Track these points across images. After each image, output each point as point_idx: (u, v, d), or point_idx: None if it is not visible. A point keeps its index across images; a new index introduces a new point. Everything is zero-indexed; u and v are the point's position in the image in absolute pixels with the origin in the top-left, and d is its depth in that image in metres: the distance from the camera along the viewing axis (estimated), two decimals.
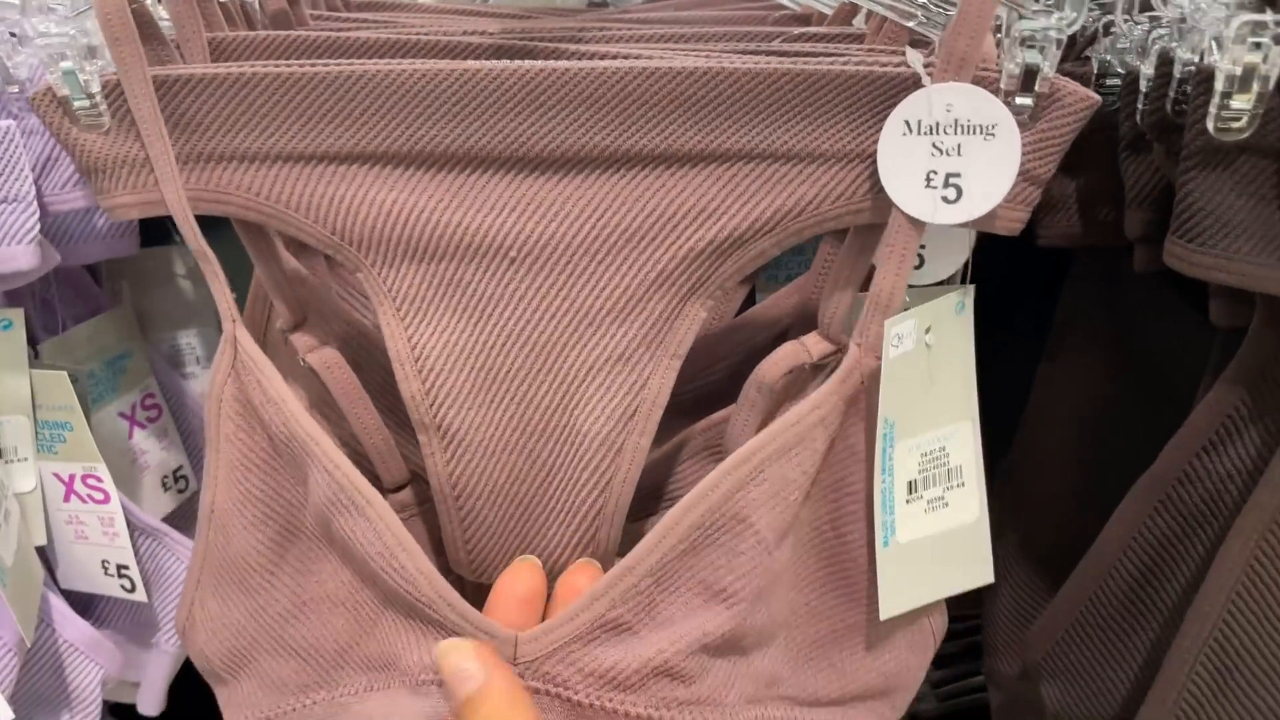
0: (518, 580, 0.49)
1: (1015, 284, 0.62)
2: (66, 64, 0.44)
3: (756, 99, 0.43)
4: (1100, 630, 0.52)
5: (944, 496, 0.46)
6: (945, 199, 0.41)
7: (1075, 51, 0.54)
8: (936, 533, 0.46)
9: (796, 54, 0.49)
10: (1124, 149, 0.48)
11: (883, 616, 0.47)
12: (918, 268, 0.52)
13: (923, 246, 0.52)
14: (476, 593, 0.50)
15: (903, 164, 0.42)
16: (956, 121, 0.41)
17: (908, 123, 0.42)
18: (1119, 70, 0.51)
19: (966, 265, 0.52)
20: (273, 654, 0.50)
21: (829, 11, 0.59)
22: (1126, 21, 0.47)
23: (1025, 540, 0.60)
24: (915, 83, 0.42)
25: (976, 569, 0.47)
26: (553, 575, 0.50)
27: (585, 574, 0.49)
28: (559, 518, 0.49)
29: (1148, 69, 0.46)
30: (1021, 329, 0.63)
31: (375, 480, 0.51)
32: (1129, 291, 0.54)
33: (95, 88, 0.44)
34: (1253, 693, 0.46)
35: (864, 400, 0.46)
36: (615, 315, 0.47)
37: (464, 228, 0.46)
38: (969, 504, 0.46)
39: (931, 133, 0.41)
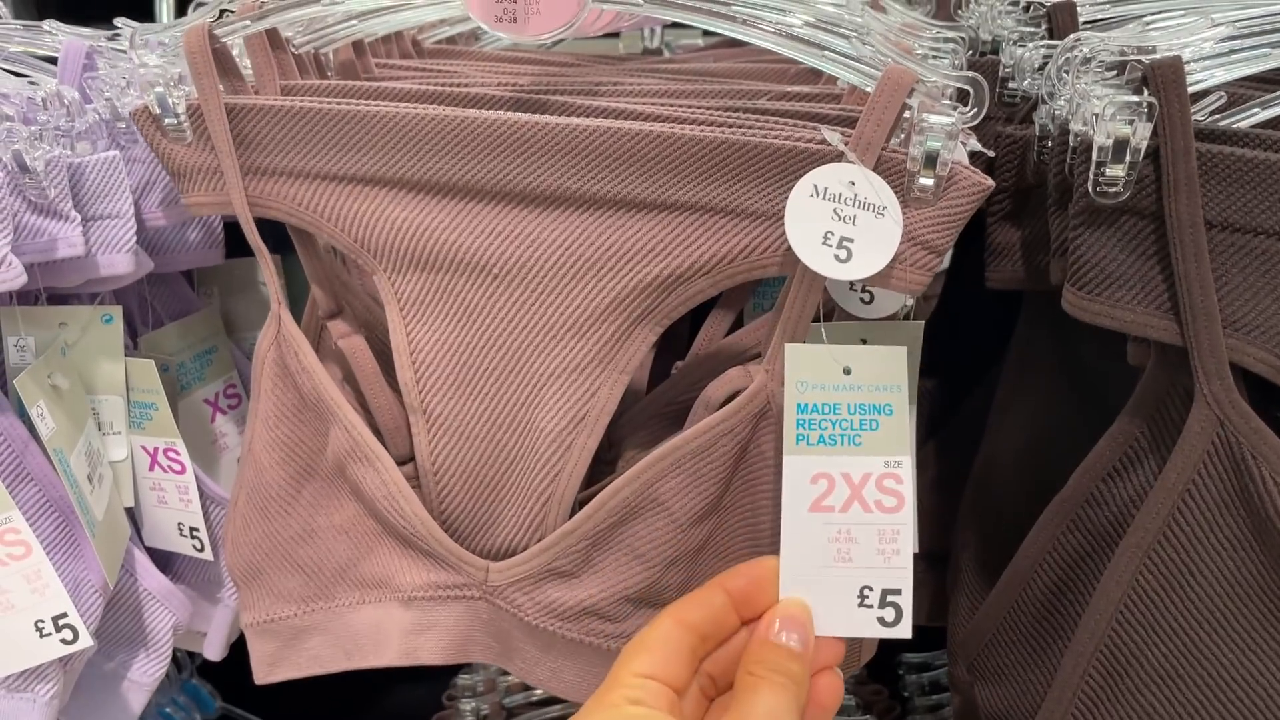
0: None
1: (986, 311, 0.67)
2: (159, 89, 0.55)
3: (700, 160, 0.51)
4: (1021, 636, 0.57)
5: None
6: (838, 258, 0.47)
7: (1020, 115, 0.59)
8: None
9: (763, 111, 0.56)
10: (1051, 204, 0.53)
11: None
12: (869, 304, 0.58)
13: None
14: None
15: (806, 221, 0.48)
16: (856, 197, 0.47)
17: (816, 186, 0.47)
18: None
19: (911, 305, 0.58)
20: (281, 570, 0.62)
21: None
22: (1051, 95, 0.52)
23: (981, 555, 0.64)
24: (837, 157, 0.48)
25: None
26: (508, 549, 0.58)
27: None
28: (516, 498, 0.58)
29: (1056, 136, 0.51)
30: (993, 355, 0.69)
31: None
32: (1074, 326, 0.59)
33: (181, 109, 0.56)
34: (1139, 694, 0.51)
35: (773, 415, 0.52)
36: (575, 332, 0.55)
37: (458, 246, 0.55)
38: None
39: (835, 200, 0.47)
